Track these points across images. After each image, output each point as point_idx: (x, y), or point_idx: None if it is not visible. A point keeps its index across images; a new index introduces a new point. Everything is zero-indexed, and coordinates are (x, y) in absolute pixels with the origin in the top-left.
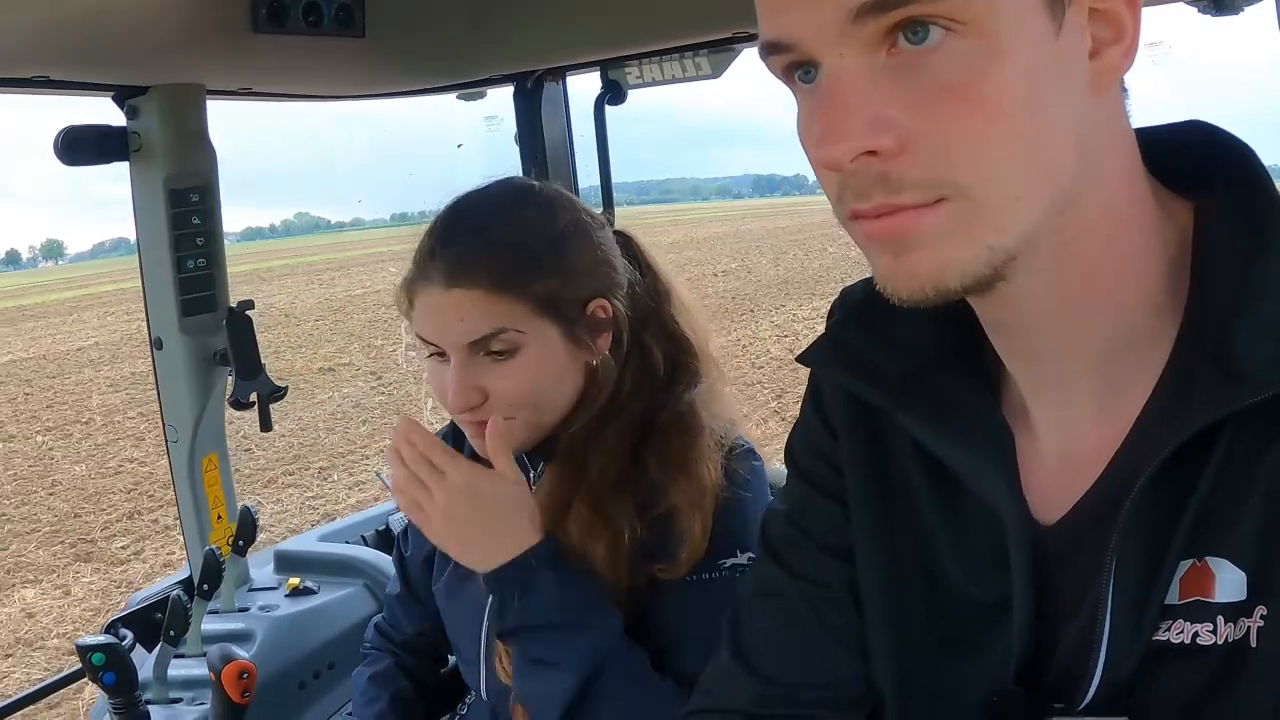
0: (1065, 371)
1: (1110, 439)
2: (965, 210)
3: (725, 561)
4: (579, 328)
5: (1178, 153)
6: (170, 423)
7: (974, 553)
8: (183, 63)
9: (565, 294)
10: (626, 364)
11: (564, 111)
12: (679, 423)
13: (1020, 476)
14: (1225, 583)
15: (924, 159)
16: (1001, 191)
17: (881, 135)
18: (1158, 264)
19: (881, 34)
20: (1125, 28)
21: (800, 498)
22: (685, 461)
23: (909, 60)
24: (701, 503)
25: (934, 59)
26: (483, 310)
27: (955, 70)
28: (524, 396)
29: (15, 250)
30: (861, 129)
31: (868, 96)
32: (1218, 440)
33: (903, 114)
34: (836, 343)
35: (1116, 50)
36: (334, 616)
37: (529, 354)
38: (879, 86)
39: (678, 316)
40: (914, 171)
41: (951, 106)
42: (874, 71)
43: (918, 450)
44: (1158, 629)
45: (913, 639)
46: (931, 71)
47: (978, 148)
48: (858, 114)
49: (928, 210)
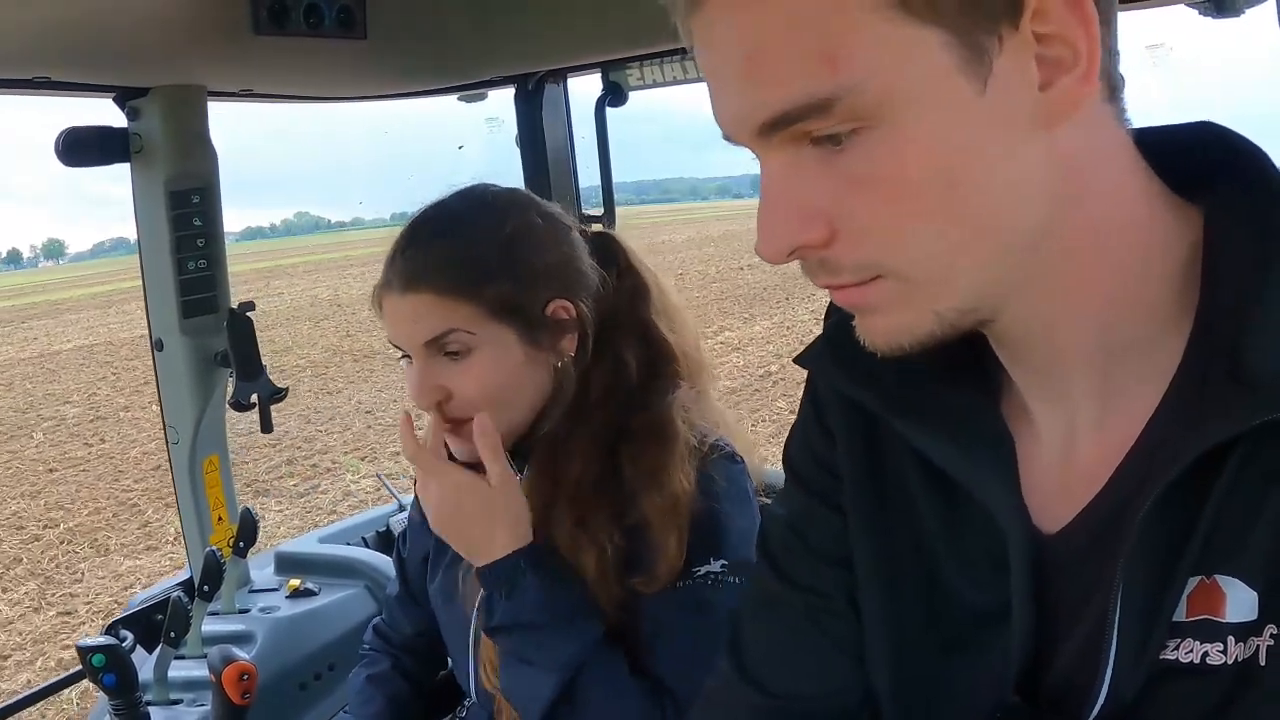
0: (1066, 377)
1: (1115, 448)
2: (901, 286)
3: (698, 569)
4: (539, 329)
5: (1188, 155)
6: (171, 424)
7: (973, 559)
8: (184, 64)
9: (520, 297)
10: (596, 366)
11: (565, 113)
12: (651, 429)
13: (1021, 483)
14: (1236, 601)
15: (852, 245)
16: (932, 267)
17: (810, 229)
18: (1163, 269)
19: (798, 135)
20: (1079, 53)
21: (798, 504)
22: (655, 469)
23: (828, 154)
24: (674, 515)
25: (847, 154)
26: (434, 312)
27: (864, 162)
28: (482, 395)
29: (16, 249)
30: (791, 227)
31: (795, 190)
32: (1230, 454)
33: (829, 204)
34: (834, 345)
35: (1071, 79)
36: (334, 618)
37: (484, 354)
38: (805, 179)
39: (657, 319)
40: (847, 256)
41: (869, 196)
42: (799, 164)
43: (916, 455)
44: (1165, 647)
45: (911, 645)
46: (847, 165)
47: (897, 233)
48: (787, 210)
49: (867, 286)
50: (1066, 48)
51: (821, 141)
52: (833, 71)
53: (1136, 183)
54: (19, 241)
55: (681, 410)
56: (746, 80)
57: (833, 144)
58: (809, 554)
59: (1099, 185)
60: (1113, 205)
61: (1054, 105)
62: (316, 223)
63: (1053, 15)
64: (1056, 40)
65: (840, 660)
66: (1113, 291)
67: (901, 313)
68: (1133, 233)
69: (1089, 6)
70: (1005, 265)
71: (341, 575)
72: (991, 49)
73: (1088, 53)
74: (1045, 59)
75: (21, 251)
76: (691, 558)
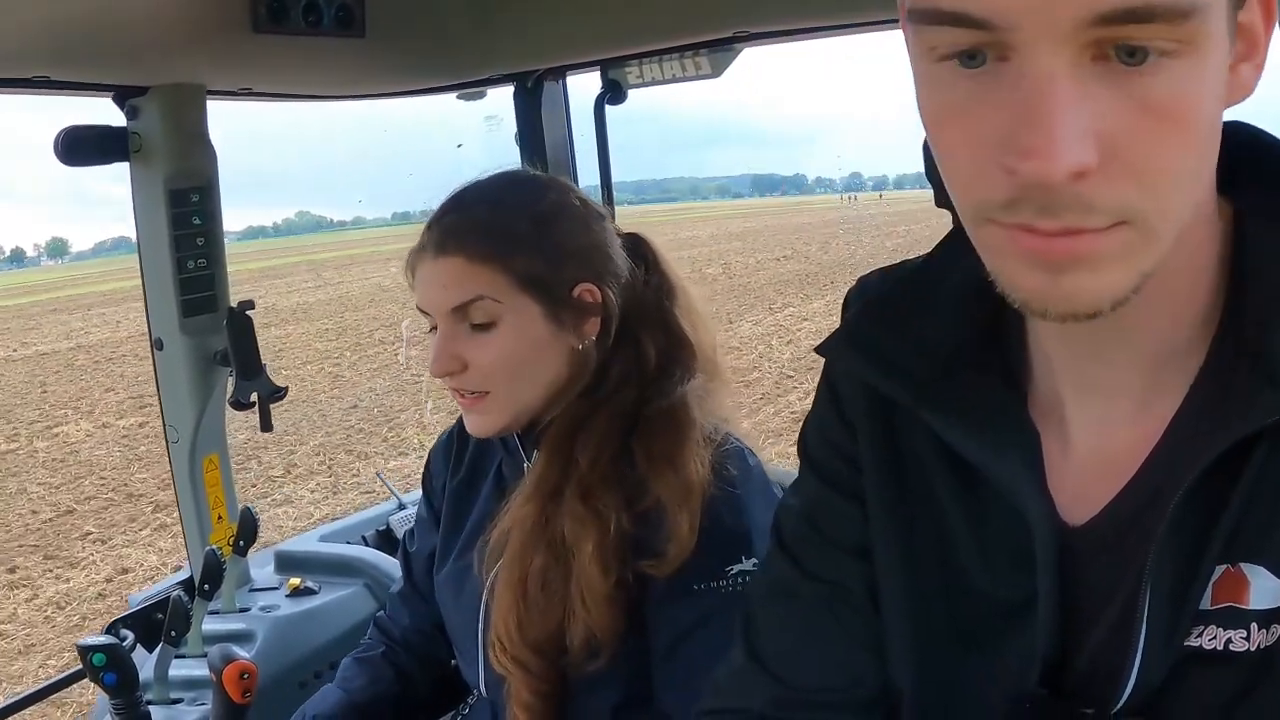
0: (1115, 373)
1: (1144, 441)
2: (1137, 237)
3: (731, 568)
4: (563, 309)
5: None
6: (171, 423)
7: (997, 551)
8: (183, 63)
9: (548, 272)
10: (617, 353)
11: (564, 111)
12: (668, 415)
13: (1047, 475)
14: (1260, 589)
15: (1118, 180)
16: (1173, 218)
17: (1091, 152)
18: (1196, 264)
19: (1107, 44)
20: (1259, 44)
21: (815, 494)
22: (672, 454)
23: (1119, 74)
24: (688, 499)
25: (1145, 77)
26: (464, 277)
27: (1164, 92)
28: (500, 368)
29: (20, 248)
30: (1074, 145)
31: (1080, 107)
32: (1256, 445)
33: (1109, 130)
34: (855, 336)
35: (1249, 66)
36: (335, 617)
37: (507, 326)
38: (1090, 97)
39: (681, 316)
40: (1106, 194)
41: (1156, 127)
42: (1086, 79)
43: (938, 446)
44: (1190, 634)
45: (933, 638)
46: (1141, 89)
47: (1172, 171)
48: (1071, 126)
49: (1104, 234)
50: (1251, 36)
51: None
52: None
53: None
54: (23, 240)
55: (697, 400)
56: None
57: (1137, 62)
58: (825, 544)
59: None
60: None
61: (1237, 87)
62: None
63: (1252, 3)
64: (1248, 29)
65: (857, 652)
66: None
67: (1117, 270)
68: (1198, 229)
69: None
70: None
71: (342, 574)
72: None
73: (1266, 42)
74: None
75: (25, 250)
76: (725, 555)
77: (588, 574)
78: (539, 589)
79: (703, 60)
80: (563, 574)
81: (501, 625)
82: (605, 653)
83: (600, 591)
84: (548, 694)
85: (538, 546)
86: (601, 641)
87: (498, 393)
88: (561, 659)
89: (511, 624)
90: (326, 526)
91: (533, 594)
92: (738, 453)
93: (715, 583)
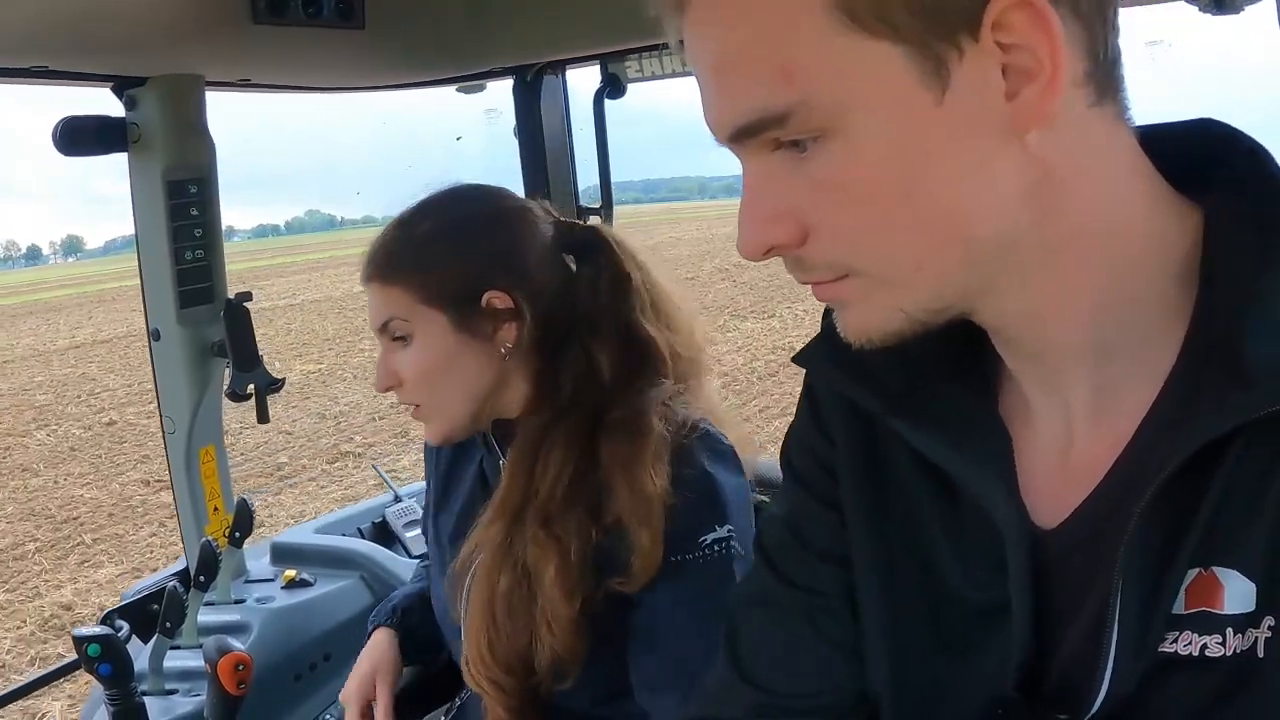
0: (1058, 369)
1: (1111, 442)
2: (866, 283)
3: (705, 538)
4: (473, 318)
5: (1189, 152)
6: (167, 414)
7: (972, 556)
8: (182, 53)
9: (451, 284)
10: (562, 360)
11: (563, 105)
12: (624, 427)
13: (1019, 479)
14: (1234, 593)
15: (822, 246)
16: (895, 270)
17: (782, 231)
18: (1162, 267)
19: (766, 142)
20: (1042, 62)
21: (796, 503)
22: (626, 465)
23: (796, 160)
24: (647, 512)
25: (812, 159)
26: (379, 300)
27: (825, 169)
28: (420, 381)
29: (36, 246)
30: (763, 228)
31: (768, 192)
32: (1228, 448)
33: (800, 206)
34: (832, 343)
35: (1035, 87)
36: (330, 608)
37: (418, 340)
38: (777, 181)
39: (641, 314)
40: (818, 256)
41: (833, 200)
42: (771, 168)
43: (914, 454)
44: (1164, 639)
45: (910, 643)
46: (810, 170)
47: (860, 236)
48: (761, 212)
49: (837, 283)
50: (1030, 57)
51: (788, 146)
52: (788, 86)
53: (1134, 183)
54: (38, 238)
55: (660, 406)
56: (716, 91)
57: (799, 150)
58: (806, 553)
59: (1084, 188)
60: (1100, 206)
61: (1021, 114)
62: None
63: (1015, 26)
64: (1019, 50)
65: (837, 659)
66: (1102, 289)
67: (868, 310)
68: (1124, 231)
69: (1050, 17)
70: (975, 269)
71: (337, 566)
72: (950, 59)
73: (1051, 62)
74: (1010, 68)
75: (41, 248)
76: (696, 525)
77: (551, 599)
78: (506, 612)
79: None
80: (528, 597)
81: (473, 646)
82: (572, 675)
83: (565, 616)
84: (522, 710)
85: (503, 568)
86: (567, 665)
87: (428, 404)
88: (531, 678)
89: (483, 645)
90: (322, 519)
91: (500, 616)
92: (708, 437)
93: (690, 554)
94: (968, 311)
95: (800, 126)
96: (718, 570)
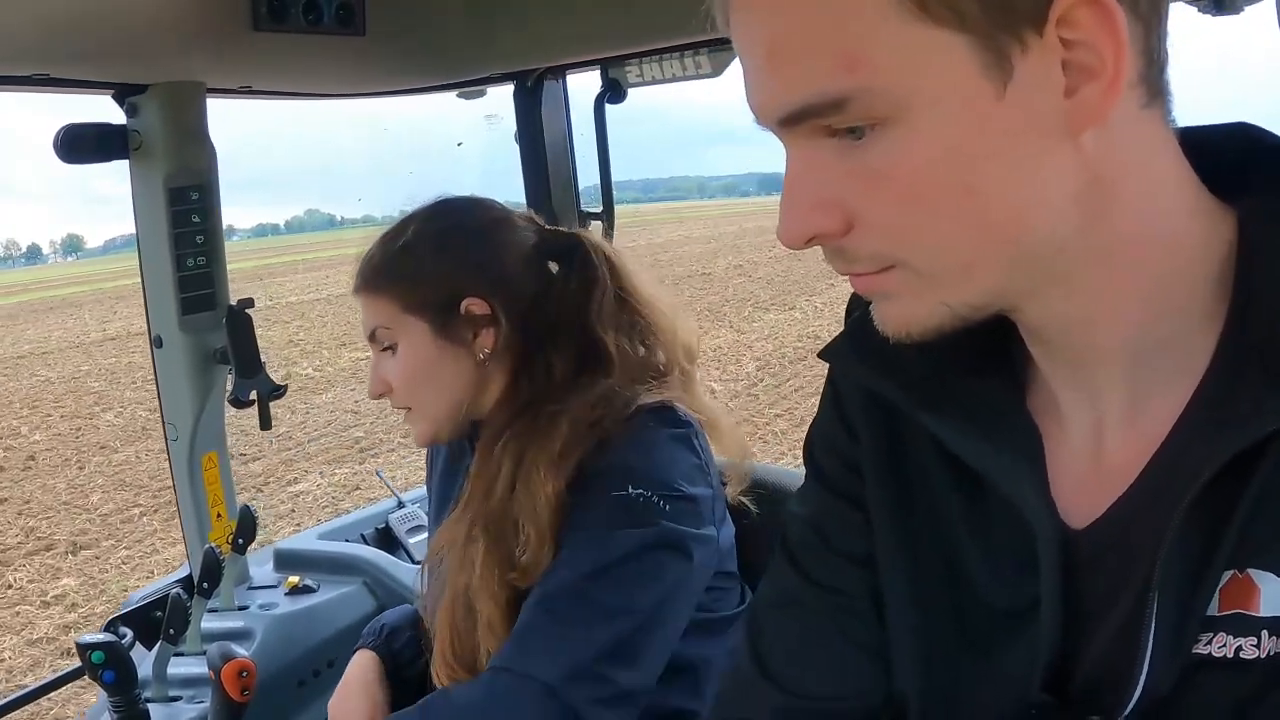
0: (1094, 372)
1: (1144, 444)
2: (912, 277)
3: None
4: (452, 325)
5: (1223, 155)
6: (170, 421)
7: (1000, 556)
8: (183, 61)
9: (431, 293)
10: (527, 363)
11: (564, 110)
12: (535, 427)
13: (1049, 478)
14: (1269, 596)
15: (868, 238)
16: (945, 265)
17: (826, 220)
18: (1199, 271)
19: (818, 128)
20: (1105, 61)
21: (820, 502)
22: (527, 468)
23: (848, 148)
24: (534, 509)
25: (867, 148)
26: (367, 311)
27: (882, 157)
28: (406, 386)
29: (36, 245)
30: (808, 215)
31: (815, 179)
32: (1264, 451)
33: (847, 195)
34: (856, 340)
35: (1096, 86)
36: (333, 615)
37: (403, 348)
38: (825, 168)
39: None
40: (862, 247)
41: (886, 191)
42: (819, 154)
43: (940, 450)
44: (1198, 641)
45: (937, 645)
46: (863, 158)
47: (911, 230)
48: (806, 199)
49: (880, 275)
50: (1093, 55)
51: (841, 134)
52: (850, 72)
53: (1176, 187)
54: (38, 237)
55: (587, 408)
56: (768, 73)
57: (853, 136)
58: (831, 553)
59: (1132, 191)
60: (1147, 210)
61: (1079, 112)
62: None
63: (1080, 23)
64: (1083, 47)
65: (862, 660)
66: (1145, 293)
67: (910, 303)
68: (1168, 236)
69: (1117, 15)
70: (1024, 268)
71: (340, 572)
72: (1014, 53)
73: (1114, 61)
74: (1071, 65)
75: (41, 247)
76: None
77: (481, 598)
78: (463, 611)
79: (703, 59)
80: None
81: (438, 643)
82: None
83: (494, 616)
84: None
85: (462, 566)
86: None
87: (415, 408)
88: None
89: (446, 644)
90: (325, 525)
91: (459, 615)
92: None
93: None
94: (1010, 310)
95: (859, 114)
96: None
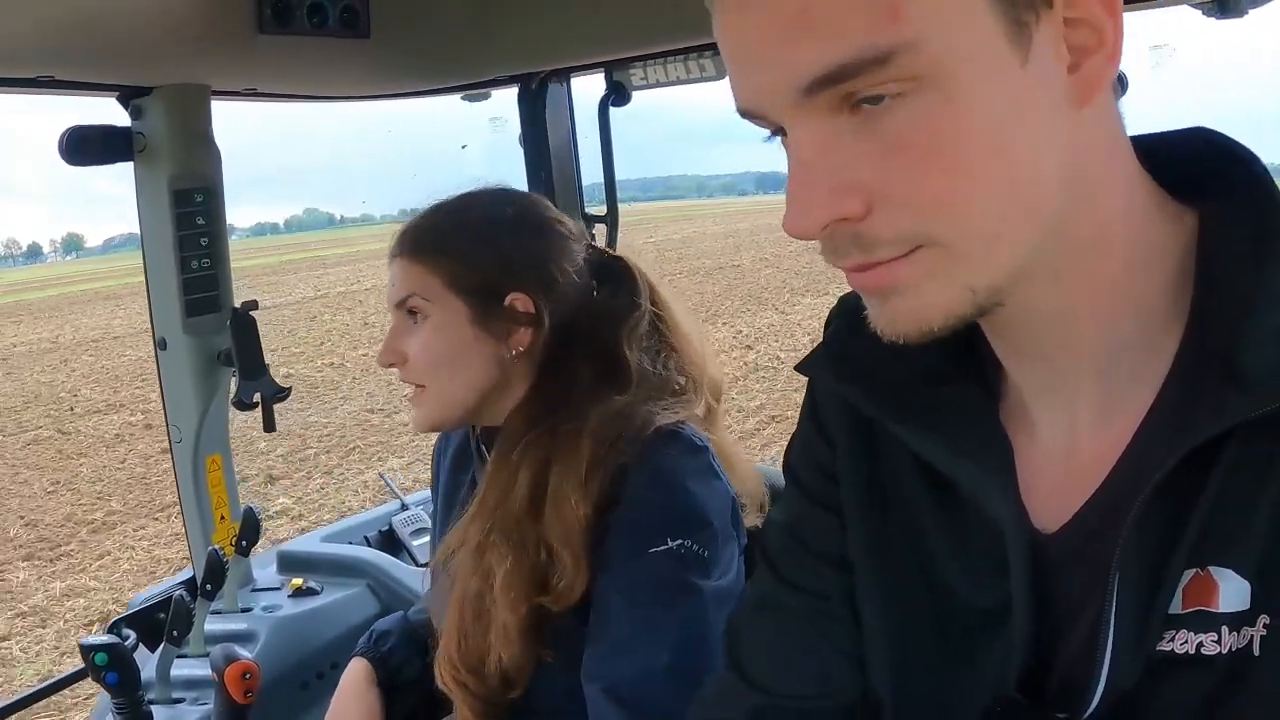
0: (1065, 374)
1: (1112, 446)
2: (941, 256)
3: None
4: (493, 315)
5: (1182, 159)
6: (174, 423)
7: (974, 559)
8: (187, 63)
9: (479, 278)
10: (552, 372)
11: (568, 113)
12: (562, 447)
13: (1020, 483)
14: (1229, 592)
15: (893, 216)
16: (978, 236)
17: (847, 201)
18: (1160, 271)
19: (838, 99)
20: (1105, 34)
21: (798, 508)
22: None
23: (869, 118)
24: (566, 533)
25: (892, 116)
26: (403, 276)
27: (913, 126)
28: (425, 361)
29: (37, 244)
30: (826, 199)
31: (831, 161)
32: (1223, 449)
33: (868, 174)
34: (834, 351)
35: (1097, 59)
36: (337, 617)
37: (434, 322)
38: (842, 148)
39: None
40: (886, 229)
41: (914, 162)
42: (836, 133)
43: (914, 458)
44: (1161, 639)
45: (912, 647)
46: (892, 129)
47: (945, 201)
48: (822, 182)
49: (904, 260)
50: (1092, 31)
51: (857, 109)
52: (894, 22)
53: (1137, 182)
54: (38, 236)
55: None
56: (799, 31)
57: (873, 105)
58: (809, 556)
59: (1112, 176)
60: (1122, 199)
61: (1081, 86)
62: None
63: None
64: (1083, 25)
65: (840, 662)
66: (1116, 286)
67: (933, 290)
68: (1137, 229)
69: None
70: (1039, 244)
71: (344, 574)
72: (1030, 23)
73: (1113, 36)
74: (1073, 42)
75: (41, 246)
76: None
77: (500, 606)
78: (473, 614)
79: (707, 62)
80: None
81: (444, 645)
82: (520, 683)
83: (511, 625)
84: (487, 712)
85: (475, 570)
86: (512, 674)
87: (429, 387)
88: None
89: (453, 645)
90: (329, 527)
91: (468, 618)
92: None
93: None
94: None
95: (898, 73)
96: (670, 576)
